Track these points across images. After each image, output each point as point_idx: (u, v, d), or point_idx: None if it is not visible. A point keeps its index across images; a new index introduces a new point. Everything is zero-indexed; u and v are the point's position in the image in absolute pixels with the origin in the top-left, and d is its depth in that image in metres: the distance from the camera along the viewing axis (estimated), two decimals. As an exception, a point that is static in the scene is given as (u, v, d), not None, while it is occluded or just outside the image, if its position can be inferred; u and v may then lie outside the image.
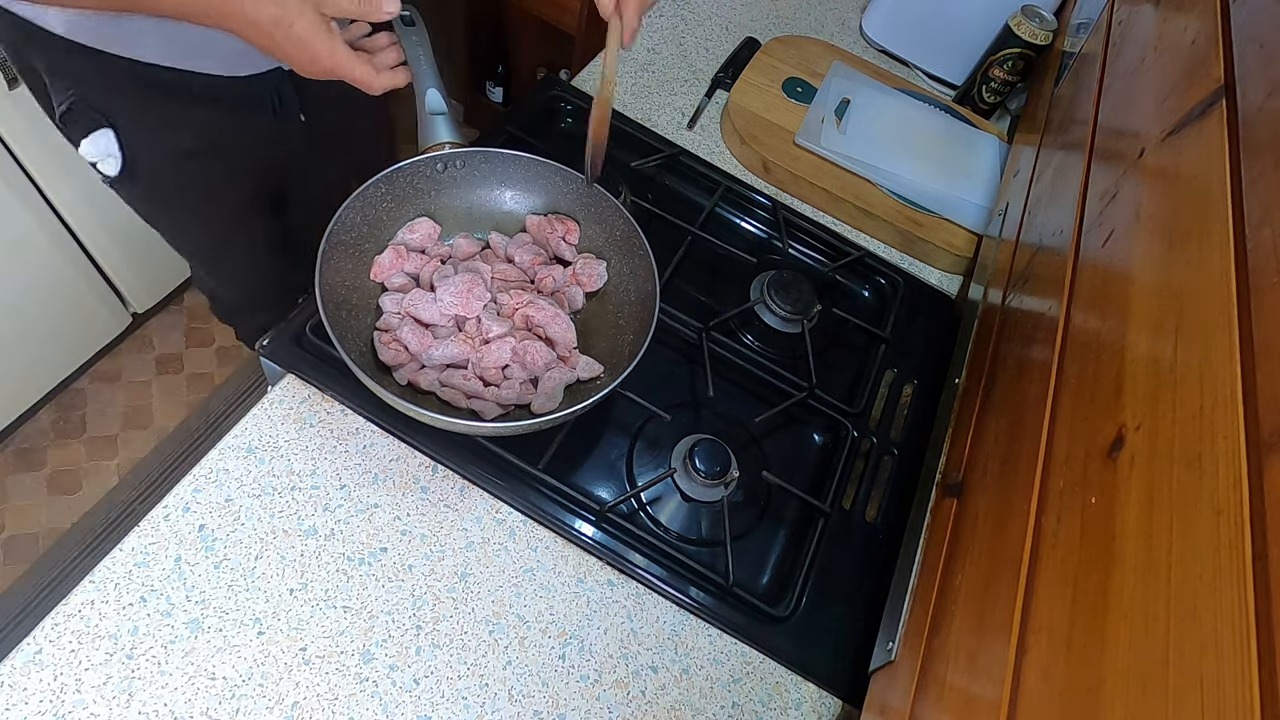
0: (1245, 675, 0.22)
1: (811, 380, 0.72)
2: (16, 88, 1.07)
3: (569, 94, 0.88)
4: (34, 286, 1.28)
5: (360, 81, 0.58)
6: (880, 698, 0.54)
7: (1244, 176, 0.35)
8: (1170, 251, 0.39)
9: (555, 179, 0.69)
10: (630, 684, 0.57)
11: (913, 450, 0.73)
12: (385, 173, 0.62)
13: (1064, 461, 0.40)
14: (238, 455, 0.59)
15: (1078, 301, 0.48)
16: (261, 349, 0.62)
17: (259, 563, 0.55)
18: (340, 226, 0.59)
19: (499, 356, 0.61)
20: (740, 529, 0.66)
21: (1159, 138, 0.46)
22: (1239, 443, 0.27)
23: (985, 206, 0.91)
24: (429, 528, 0.59)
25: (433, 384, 0.60)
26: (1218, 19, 0.45)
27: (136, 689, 0.49)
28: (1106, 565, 0.32)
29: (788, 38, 1.03)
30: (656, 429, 0.68)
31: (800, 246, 0.86)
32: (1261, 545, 0.24)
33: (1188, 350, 0.33)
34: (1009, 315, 0.64)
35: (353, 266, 0.62)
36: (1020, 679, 0.35)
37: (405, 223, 0.66)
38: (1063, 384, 0.45)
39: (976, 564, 0.46)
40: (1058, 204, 0.61)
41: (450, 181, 0.67)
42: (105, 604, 0.51)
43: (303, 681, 0.52)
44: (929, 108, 1.00)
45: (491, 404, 0.59)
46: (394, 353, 0.59)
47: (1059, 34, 0.94)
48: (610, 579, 0.61)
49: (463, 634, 0.56)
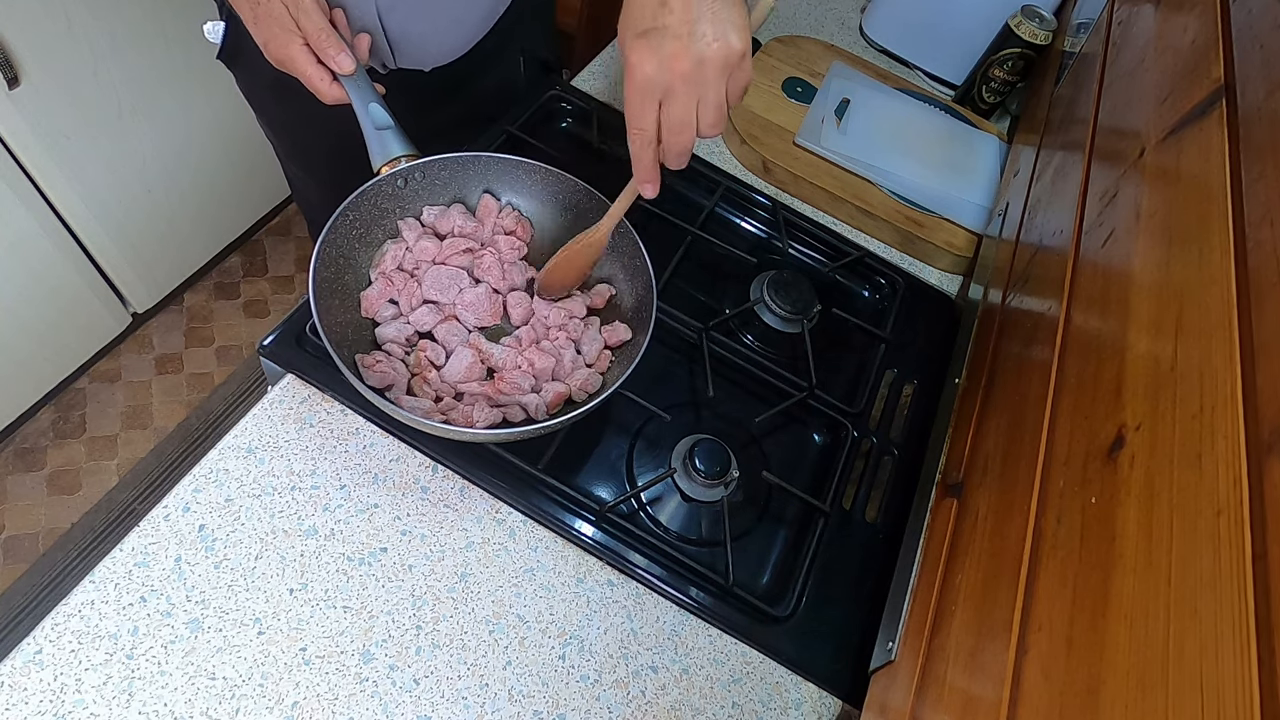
0: (1245, 675, 0.22)
1: (811, 380, 0.72)
2: (16, 88, 1.07)
3: (569, 94, 0.88)
4: (34, 286, 1.28)
5: (309, 82, 0.60)
6: (880, 698, 0.54)
7: (1244, 176, 0.35)
8: (1170, 251, 0.39)
9: (518, 173, 0.67)
10: (630, 684, 0.57)
11: (913, 450, 0.73)
12: (350, 200, 0.60)
13: (1064, 461, 0.40)
14: (238, 455, 0.59)
15: (1078, 301, 0.48)
16: (261, 349, 0.62)
17: (259, 563, 0.55)
18: (321, 264, 0.57)
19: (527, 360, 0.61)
20: (740, 529, 0.66)
21: (1159, 138, 0.46)
22: (1239, 443, 0.27)
23: (985, 206, 0.91)
24: (429, 528, 0.59)
25: (433, 413, 0.58)
26: (1218, 19, 0.45)
27: (136, 689, 0.49)
28: (1106, 565, 0.32)
29: (787, 37, 1.03)
30: (656, 429, 0.68)
31: (800, 246, 0.86)
32: (1261, 545, 0.24)
33: (1188, 350, 0.33)
34: (1009, 315, 0.64)
35: (340, 303, 0.61)
36: (1020, 679, 0.35)
37: (377, 248, 0.64)
38: (1063, 384, 0.45)
39: (976, 564, 0.46)
40: (1058, 204, 0.61)
41: (414, 195, 0.65)
42: (105, 604, 0.51)
43: (303, 681, 0.52)
44: (929, 108, 1.00)
45: (494, 412, 0.59)
46: (380, 375, 0.59)
47: (1059, 34, 0.94)
48: (610, 579, 0.61)
49: (463, 634, 0.56)
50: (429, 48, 0.77)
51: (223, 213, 1.62)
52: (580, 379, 0.62)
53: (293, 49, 0.59)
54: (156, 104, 1.30)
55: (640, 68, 0.47)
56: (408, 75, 0.78)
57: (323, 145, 0.84)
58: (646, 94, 0.48)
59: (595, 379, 0.63)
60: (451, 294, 0.64)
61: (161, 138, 1.34)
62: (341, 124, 0.63)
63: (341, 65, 0.60)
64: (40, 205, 1.22)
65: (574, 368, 0.63)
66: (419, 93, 0.78)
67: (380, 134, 0.62)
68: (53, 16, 1.08)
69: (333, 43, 0.60)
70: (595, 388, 0.63)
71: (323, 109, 0.62)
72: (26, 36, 1.06)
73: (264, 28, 0.60)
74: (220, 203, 1.57)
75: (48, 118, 1.14)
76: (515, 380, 0.60)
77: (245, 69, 0.80)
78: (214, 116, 1.41)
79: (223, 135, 1.46)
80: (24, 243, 1.23)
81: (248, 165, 1.56)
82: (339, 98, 0.62)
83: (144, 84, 1.26)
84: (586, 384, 0.62)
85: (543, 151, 0.76)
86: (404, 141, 0.63)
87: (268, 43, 0.61)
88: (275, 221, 1.79)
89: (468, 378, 0.60)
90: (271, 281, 1.72)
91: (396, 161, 0.62)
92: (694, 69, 0.46)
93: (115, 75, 1.20)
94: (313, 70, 0.60)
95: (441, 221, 0.66)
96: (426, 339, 0.62)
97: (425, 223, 0.66)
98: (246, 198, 1.66)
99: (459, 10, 0.76)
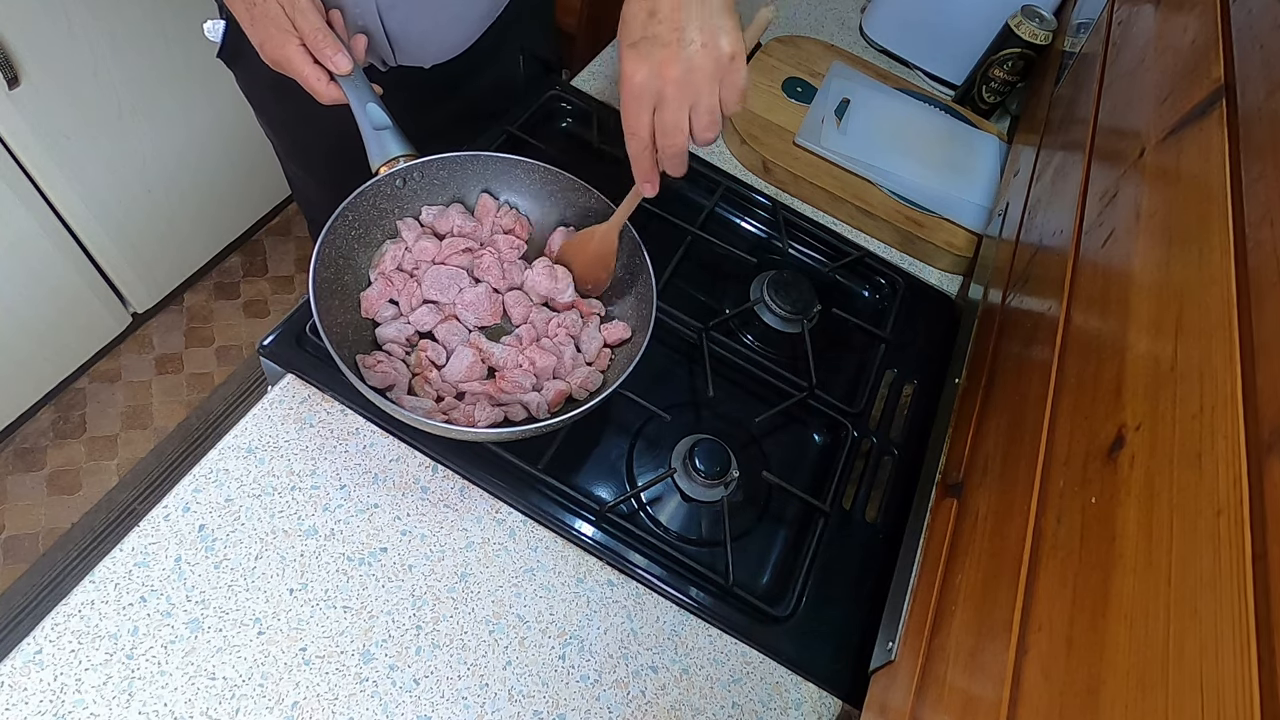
0: (1245, 675, 0.22)
1: (811, 380, 0.72)
2: (16, 88, 1.07)
3: (569, 94, 0.88)
4: (34, 286, 1.28)
5: (306, 82, 0.61)
6: (880, 698, 0.54)
7: (1244, 176, 0.35)
8: (1170, 251, 0.39)
9: (516, 171, 0.67)
10: (630, 684, 0.57)
11: (913, 450, 0.73)
12: (348, 201, 0.60)
13: (1064, 461, 0.40)
14: (238, 455, 0.59)
15: (1078, 301, 0.48)
16: (261, 349, 0.62)
17: (259, 563, 0.55)
18: (321, 265, 0.57)
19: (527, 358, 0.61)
20: (740, 529, 0.66)
21: (1159, 138, 0.46)
22: (1239, 443, 0.27)
23: (985, 206, 0.91)
24: (429, 528, 0.59)
25: (434, 413, 0.58)
26: (1218, 19, 0.45)
27: (136, 689, 0.49)
28: (1106, 565, 0.32)
29: (788, 38, 1.03)
30: (656, 429, 0.68)
31: (800, 246, 0.86)
32: (1261, 545, 0.24)
33: (1188, 350, 0.33)
34: (1009, 315, 0.64)
35: (340, 304, 0.61)
36: (1020, 679, 0.35)
37: (376, 248, 0.65)
38: (1063, 384, 0.45)
39: (977, 564, 0.46)
40: (1058, 204, 0.61)
41: (412, 195, 0.65)
42: (105, 604, 0.51)
43: (303, 681, 0.52)
44: (929, 108, 1.00)
45: (495, 411, 0.59)
46: (382, 375, 0.59)
47: (1059, 34, 0.94)
48: (610, 579, 0.61)
49: (463, 634, 0.56)
50: (429, 45, 0.77)
51: (223, 213, 1.62)
52: (581, 377, 0.62)
53: (289, 49, 0.59)
54: (156, 104, 1.30)
55: (633, 76, 0.48)
56: (407, 73, 0.78)
57: (323, 144, 0.84)
58: (639, 101, 0.49)
59: (596, 377, 0.63)
60: (451, 294, 0.64)
61: (161, 138, 1.34)
62: (341, 123, 0.63)
63: (338, 65, 0.60)
64: (40, 205, 1.22)
65: (575, 365, 0.63)
66: (418, 90, 0.78)
67: (378, 134, 0.62)
68: (53, 16, 1.08)
69: (329, 43, 0.60)
70: (596, 385, 0.63)
71: (322, 108, 0.63)
72: (26, 36, 1.06)
73: (260, 28, 0.60)
74: (220, 203, 1.57)
75: (48, 118, 1.14)
76: (516, 379, 0.60)
77: (245, 68, 0.80)
78: (214, 116, 1.41)
79: (223, 135, 1.46)
80: (24, 243, 1.23)
81: (248, 165, 1.56)
82: (336, 98, 0.62)
83: (144, 84, 1.26)
84: (587, 382, 0.62)
85: (543, 152, 0.76)
86: (402, 141, 0.63)
87: (264, 43, 0.60)
88: (275, 221, 1.79)
89: (469, 377, 0.61)
90: (271, 281, 1.72)
91: (395, 161, 0.62)
92: (684, 75, 0.48)
93: (115, 75, 1.20)
94: (309, 70, 0.60)
95: (440, 221, 0.66)
96: (427, 339, 0.62)
97: (424, 223, 0.66)
98: (246, 198, 1.66)
99: (459, 8, 0.76)
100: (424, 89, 0.79)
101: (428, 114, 0.76)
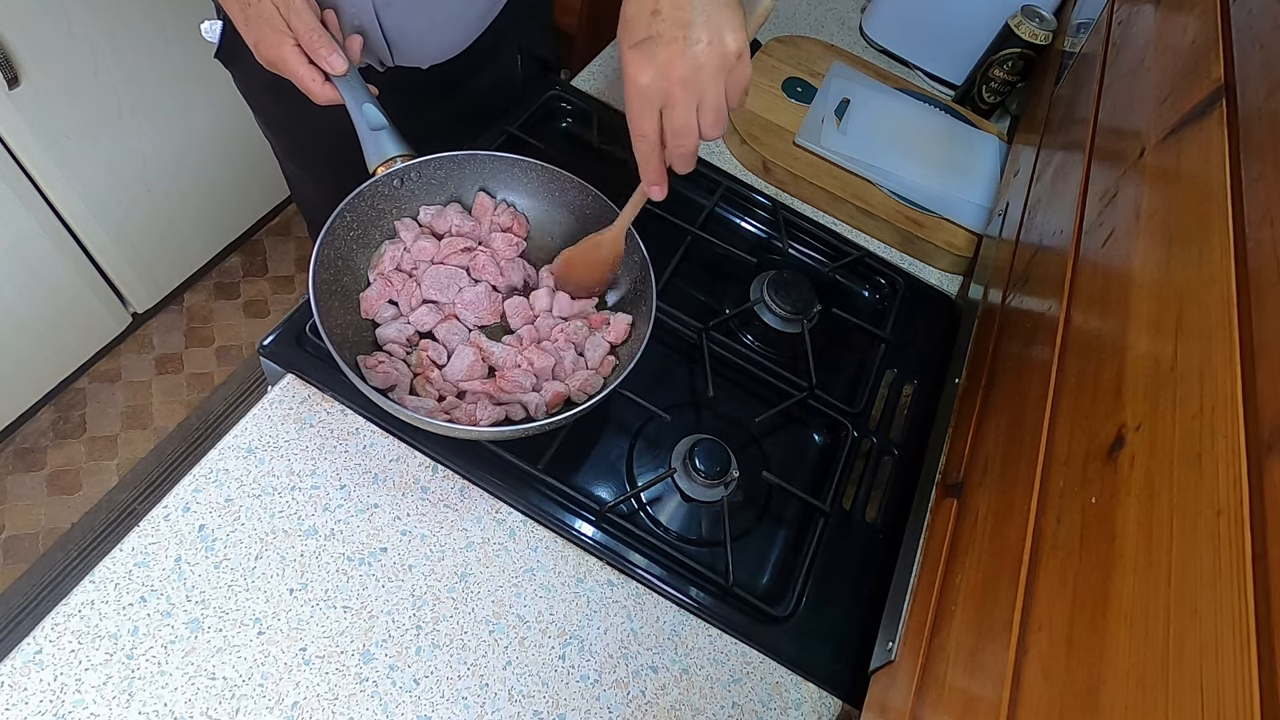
0: (1245, 675, 0.22)
1: (811, 380, 0.72)
2: (16, 88, 1.07)
3: (568, 94, 0.88)
4: (34, 286, 1.28)
5: (301, 82, 0.60)
6: (880, 698, 0.54)
7: (1244, 176, 0.35)
8: (1170, 251, 0.39)
9: (514, 170, 0.67)
10: (630, 684, 0.57)
11: (913, 450, 0.73)
12: (346, 202, 0.60)
13: (1064, 461, 0.40)
14: (238, 455, 0.59)
15: (1078, 301, 0.48)
16: (261, 349, 0.62)
17: (259, 563, 0.55)
18: (320, 266, 0.57)
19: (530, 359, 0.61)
20: (740, 529, 0.66)
21: (1159, 138, 0.46)
22: (1239, 443, 0.27)
23: (985, 206, 0.91)
24: (429, 528, 0.59)
25: (437, 412, 0.58)
26: (1218, 19, 0.45)
27: (136, 689, 0.49)
28: (1106, 565, 0.32)
29: (787, 37, 1.03)
30: (656, 429, 0.68)
31: (800, 246, 0.86)
32: (1261, 545, 0.24)
33: (1188, 350, 0.33)
34: (1009, 315, 0.64)
35: (340, 304, 0.61)
36: (1020, 679, 0.35)
37: (375, 249, 0.65)
38: (1063, 384, 0.45)
39: (977, 564, 0.46)
40: (1058, 204, 0.61)
41: (410, 195, 0.65)
42: (105, 604, 0.51)
43: (303, 681, 0.52)
44: (929, 108, 1.00)
45: (497, 410, 0.59)
46: (383, 376, 0.59)
47: (1059, 34, 0.94)
48: (610, 579, 0.61)
49: (463, 634, 0.56)
50: (426, 45, 0.77)
51: (223, 213, 1.62)
52: (580, 380, 0.62)
53: (284, 50, 0.59)
54: (156, 104, 1.30)
55: (638, 78, 0.47)
56: (405, 73, 0.78)
57: (321, 144, 0.84)
58: (646, 102, 0.48)
59: (596, 380, 0.63)
60: (451, 293, 0.64)
61: (161, 138, 1.34)
62: (339, 124, 0.63)
63: (333, 66, 0.60)
64: (40, 205, 1.22)
65: (574, 369, 0.63)
66: (416, 90, 0.78)
67: (375, 134, 0.62)
68: (53, 16, 1.08)
69: (324, 43, 0.60)
70: (595, 389, 0.63)
71: (320, 109, 0.62)
72: (26, 36, 1.06)
73: (254, 29, 0.60)
74: (220, 203, 1.57)
75: (48, 118, 1.14)
76: (516, 379, 0.60)
77: (243, 68, 0.80)
78: (214, 116, 1.41)
79: (223, 135, 1.46)
80: (24, 243, 1.23)
81: (248, 165, 1.56)
82: (332, 98, 0.62)
83: (144, 84, 1.26)
84: (586, 385, 0.62)
85: (543, 152, 0.75)
86: (399, 141, 0.63)
87: (258, 43, 0.60)
88: (275, 221, 1.79)
89: (470, 376, 0.61)
90: (271, 281, 1.72)
91: (392, 162, 0.62)
92: (690, 74, 0.47)
93: (115, 75, 1.20)
94: (304, 71, 0.60)
95: (439, 221, 0.66)
96: (427, 339, 0.62)
97: (422, 222, 0.66)
98: (246, 198, 1.66)
99: (456, 8, 0.76)
100: (422, 90, 0.79)
101: (427, 115, 0.76)
